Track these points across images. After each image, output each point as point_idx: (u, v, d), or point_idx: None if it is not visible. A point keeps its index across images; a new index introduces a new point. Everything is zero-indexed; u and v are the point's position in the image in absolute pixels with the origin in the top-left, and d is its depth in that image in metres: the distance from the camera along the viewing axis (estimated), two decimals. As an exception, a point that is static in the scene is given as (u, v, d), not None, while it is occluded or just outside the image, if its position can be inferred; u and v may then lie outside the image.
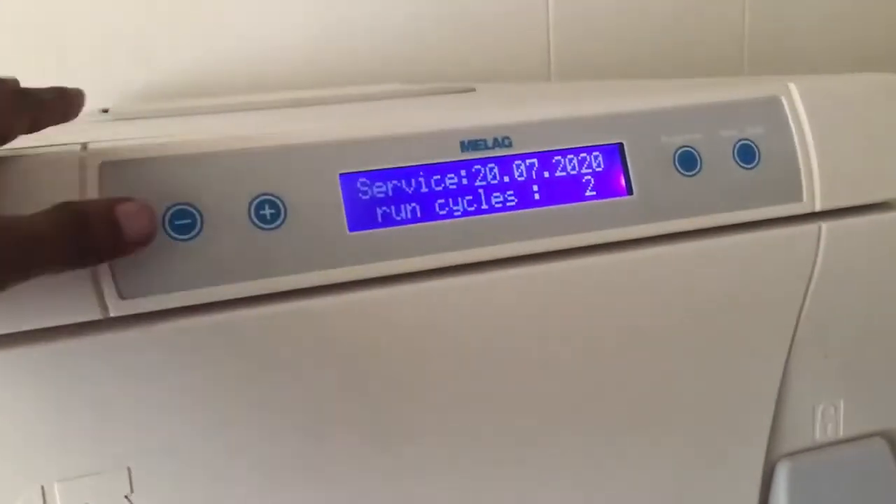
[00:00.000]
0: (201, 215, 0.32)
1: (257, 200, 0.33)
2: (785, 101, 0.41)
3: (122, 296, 0.31)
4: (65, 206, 0.29)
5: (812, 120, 0.41)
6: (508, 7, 0.84)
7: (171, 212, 0.32)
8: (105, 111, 0.57)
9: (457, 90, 0.60)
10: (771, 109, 0.41)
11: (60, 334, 0.31)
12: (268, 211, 0.33)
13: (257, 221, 0.33)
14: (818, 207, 0.41)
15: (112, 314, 0.31)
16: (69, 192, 0.31)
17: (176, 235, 0.32)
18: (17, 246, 0.27)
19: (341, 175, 0.34)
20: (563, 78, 0.88)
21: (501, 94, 0.54)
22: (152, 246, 0.31)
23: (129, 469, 0.32)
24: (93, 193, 0.31)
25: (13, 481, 0.31)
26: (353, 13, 0.79)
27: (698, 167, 0.39)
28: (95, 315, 0.31)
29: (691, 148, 0.39)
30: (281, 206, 0.33)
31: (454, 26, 0.83)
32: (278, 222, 0.33)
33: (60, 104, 0.33)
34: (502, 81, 0.83)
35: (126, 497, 0.32)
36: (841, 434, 0.43)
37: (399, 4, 0.81)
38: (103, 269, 0.31)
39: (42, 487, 0.31)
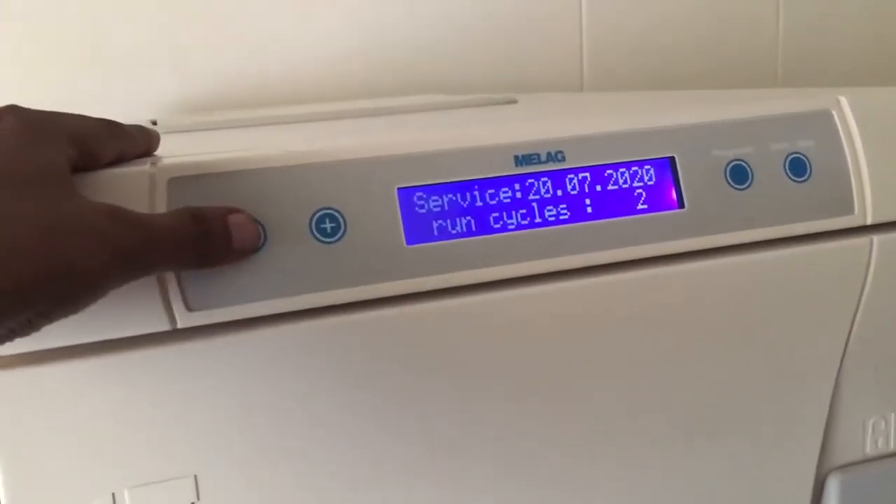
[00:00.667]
0: (265, 229, 0.33)
1: (318, 214, 0.34)
2: (836, 114, 0.41)
3: (189, 308, 0.32)
4: (187, 210, 0.30)
5: (863, 133, 0.41)
6: (541, 15, 0.85)
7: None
8: (154, 123, 0.58)
9: (499, 101, 0.60)
10: (822, 122, 0.41)
11: (130, 345, 0.31)
12: (328, 225, 0.34)
13: (318, 235, 0.34)
14: (870, 220, 0.41)
15: (180, 325, 0.32)
16: (139, 208, 0.31)
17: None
18: (147, 241, 0.28)
19: (399, 189, 0.35)
20: (595, 88, 0.88)
21: (545, 106, 0.55)
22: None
23: (195, 477, 0.32)
24: (161, 208, 0.32)
25: (85, 488, 0.32)
26: (385, 23, 0.80)
27: (749, 181, 0.39)
28: (164, 326, 0.32)
29: (742, 161, 0.39)
30: (341, 219, 0.34)
31: (487, 36, 0.83)
32: (338, 236, 0.34)
33: (144, 139, 0.35)
34: (537, 91, 0.83)
35: (192, 504, 0.33)
36: (892, 447, 0.43)
37: (429, 14, 0.82)
38: (171, 281, 0.32)
39: (113, 494, 0.32)
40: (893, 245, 0.41)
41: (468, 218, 0.36)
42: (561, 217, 0.37)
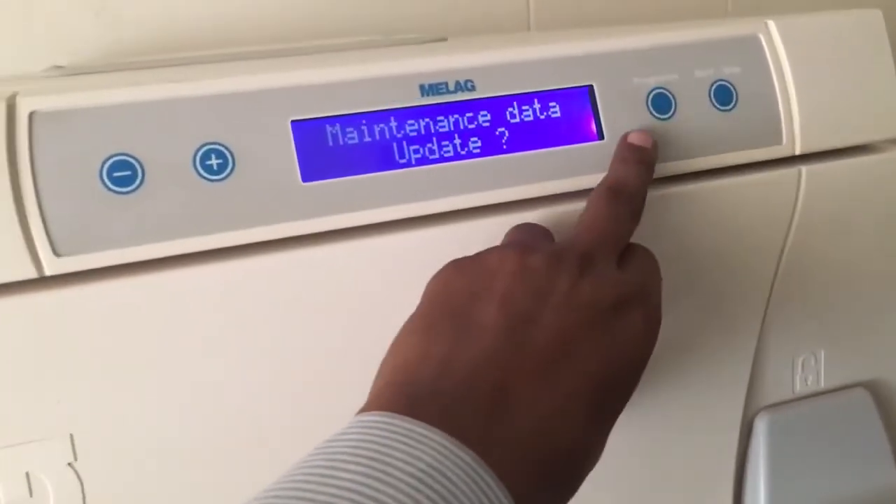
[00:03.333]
0: (142, 166, 0.30)
1: (202, 150, 0.31)
2: (763, 40, 0.39)
3: (57, 253, 0.29)
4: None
5: (792, 59, 0.39)
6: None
7: (108, 163, 0.30)
8: (60, 67, 0.54)
9: (427, 40, 0.57)
10: (749, 48, 0.39)
11: (-7, 294, 0.29)
12: (214, 161, 0.31)
13: (203, 172, 0.31)
14: (798, 151, 0.39)
15: (47, 272, 0.29)
16: (-4, 144, 0.29)
17: (115, 188, 0.30)
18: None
19: (293, 122, 0.32)
20: (543, 28, 0.85)
21: (471, 42, 0.52)
22: (88, 199, 0.29)
23: (71, 436, 0.30)
24: (22, 144, 0.29)
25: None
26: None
27: (672, 110, 0.37)
28: (29, 274, 0.29)
29: (665, 90, 0.37)
30: (228, 155, 0.31)
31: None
32: (225, 173, 0.31)
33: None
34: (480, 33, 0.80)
35: (70, 465, 0.30)
36: (822, 385, 0.42)
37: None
38: (36, 225, 0.29)
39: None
40: (823, 176, 0.39)
41: (370, 152, 0.33)
42: (472, 150, 0.35)
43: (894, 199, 0.39)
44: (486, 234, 0.35)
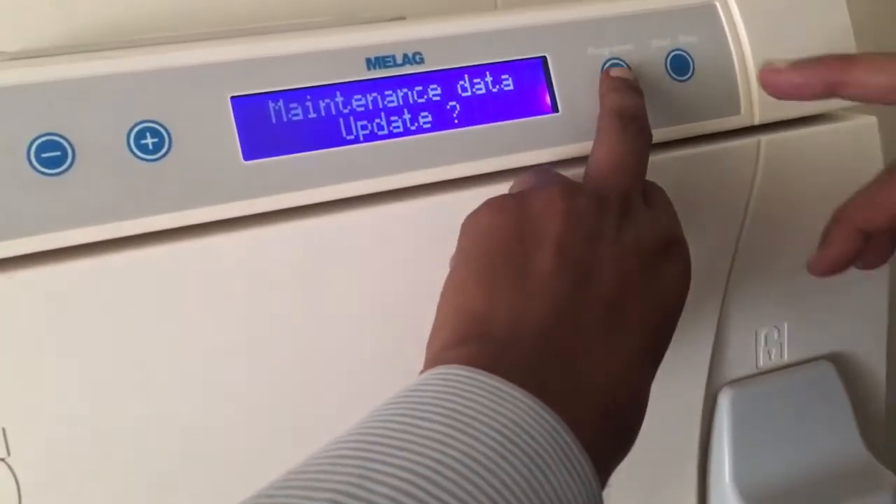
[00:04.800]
0: (72, 146, 0.29)
1: (137, 129, 0.30)
2: (720, 9, 0.39)
3: (-12, 236, 0.28)
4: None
5: (749, 28, 0.39)
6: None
7: (36, 143, 0.29)
8: (3, 52, 0.52)
9: (385, 18, 0.56)
10: (705, 17, 0.38)
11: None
12: (149, 140, 0.30)
13: (137, 152, 0.30)
14: (757, 121, 0.38)
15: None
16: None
17: (43, 170, 0.29)
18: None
19: (233, 98, 0.31)
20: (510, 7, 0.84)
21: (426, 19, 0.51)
22: (14, 182, 0.28)
23: (3, 430, 0.29)
24: (-58, 125, 0.27)
25: None
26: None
27: (628, 80, 0.36)
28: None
29: (620, 60, 0.36)
30: (164, 134, 0.30)
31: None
32: (162, 152, 0.30)
33: None
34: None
35: (3, 460, 0.29)
36: (785, 359, 0.41)
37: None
38: (-42, 209, 0.27)
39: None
40: (782, 146, 0.39)
41: (315, 129, 0.32)
42: (422, 125, 0.34)
43: (853, 168, 0.38)
44: (439, 211, 0.34)
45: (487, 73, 0.35)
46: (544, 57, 0.36)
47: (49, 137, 0.29)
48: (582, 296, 0.27)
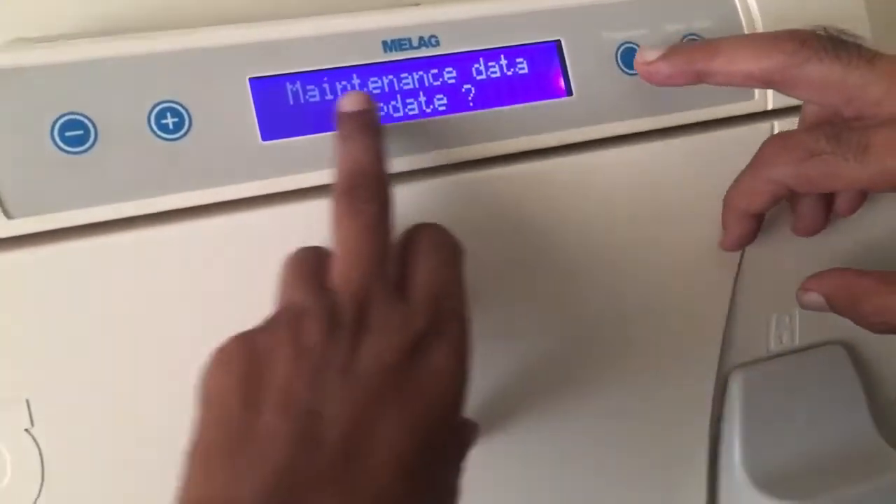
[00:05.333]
0: (95, 126, 0.29)
1: (158, 108, 0.30)
2: (735, -6, 0.39)
3: (9, 215, 0.28)
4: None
5: (763, 12, 0.39)
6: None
7: (60, 122, 0.29)
8: (24, 39, 0.53)
9: (401, 5, 0.56)
10: (720, 2, 0.38)
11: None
12: (170, 120, 0.30)
13: (158, 131, 0.30)
14: (770, 105, 0.39)
15: (0, 235, 0.28)
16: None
17: (67, 148, 0.29)
18: None
19: (251, 79, 0.32)
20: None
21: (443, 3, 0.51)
22: (39, 160, 0.28)
23: (27, 401, 0.29)
24: (-31, 104, 0.28)
25: None
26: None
27: (642, 64, 0.36)
28: (-19, 236, 0.28)
29: (634, 44, 0.37)
30: (185, 113, 0.31)
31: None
32: (182, 132, 0.31)
33: None
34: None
35: (27, 430, 0.29)
36: (796, 343, 0.41)
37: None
38: (-14, 187, 0.28)
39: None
40: (795, 131, 0.39)
41: (331, 110, 0.33)
42: (437, 108, 0.34)
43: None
44: (454, 193, 0.34)
45: (502, 56, 0.35)
46: (559, 41, 0.36)
47: (72, 117, 0.29)
48: (308, 452, 0.24)
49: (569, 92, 0.36)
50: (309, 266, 0.28)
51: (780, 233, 0.39)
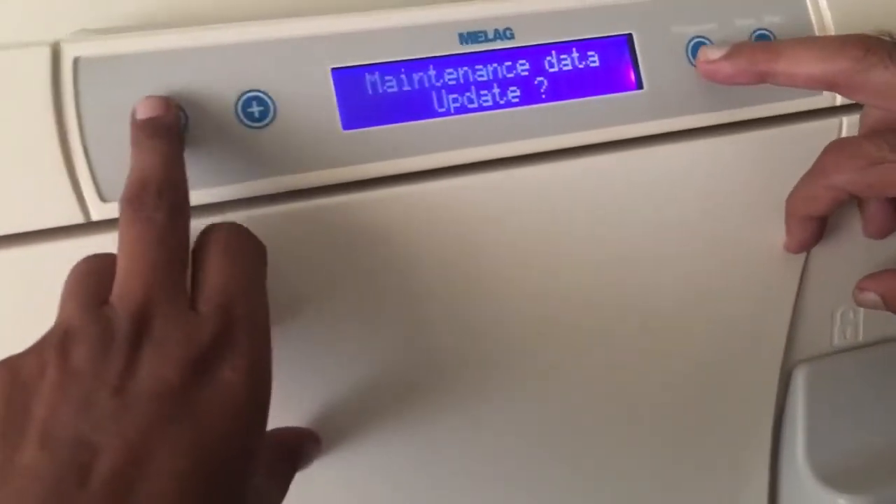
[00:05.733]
0: (184, 113, 0.30)
1: (245, 97, 0.31)
2: (804, -11, 0.39)
3: (103, 198, 0.29)
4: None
5: (833, 8, 0.39)
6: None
7: (151, 109, 0.30)
8: (88, 31, 0.54)
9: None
10: (790, -2, 0.39)
11: (40, 238, 0.29)
12: (256, 108, 0.31)
13: (245, 119, 0.31)
14: (839, 101, 0.39)
15: (93, 218, 0.29)
16: (40, 93, 0.29)
17: (159, 135, 0.30)
18: None
19: (333, 70, 0.32)
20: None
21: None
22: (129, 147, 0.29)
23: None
24: (67, 90, 0.29)
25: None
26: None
27: (712, 59, 0.37)
28: (77, 219, 0.29)
29: (705, 38, 0.37)
30: (270, 102, 0.31)
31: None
32: (267, 120, 0.31)
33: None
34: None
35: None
36: (860, 339, 0.41)
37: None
38: (83, 171, 0.29)
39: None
40: (864, 126, 0.39)
41: (410, 101, 0.33)
42: (510, 100, 0.35)
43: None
44: (523, 182, 0.35)
45: (574, 49, 0.36)
46: (630, 34, 0.36)
47: (160, 100, 0.30)
48: (73, 485, 0.22)
49: (639, 85, 0.36)
50: (91, 280, 0.26)
51: (847, 229, 0.39)
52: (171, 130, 0.28)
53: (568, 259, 0.36)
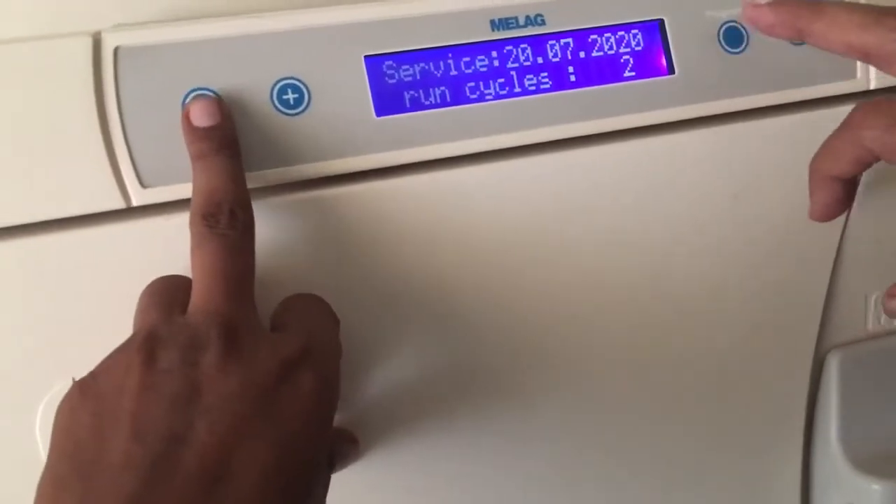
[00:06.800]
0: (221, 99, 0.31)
1: (280, 84, 0.32)
2: (837, -28, 0.38)
3: (143, 184, 0.30)
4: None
5: (869, -8, 0.38)
6: None
7: (189, 97, 0.31)
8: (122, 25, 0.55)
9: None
10: (823, -19, 0.38)
11: (81, 223, 0.30)
12: (291, 95, 0.32)
13: (280, 106, 0.32)
14: (873, 85, 0.38)
15: (134, 203, 0.30)
16: (81, 82, 0.29)
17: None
18: None
19: (366, 58, 0.33)
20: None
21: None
22: (171, 132, 0.30)
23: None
24: (108, 79, 0.30)
25: (40, 376, 0.30)
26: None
27: (745, 44, 0.37)
28: (118, 204, 0.30)
29: (737, 23, 0.37)
30: (304, 90, 0.32)
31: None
32: (302, 107, 0.32)
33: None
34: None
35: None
36: (895, 324, 0.41)
37: None
38: (124, 158, 0.30)
39: (73, 379, 0.31)
40: (899, 110, 0.38)
41: (442, 88, 0.34)
42: (542, 86, 0.35)
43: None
44: (555, 168, 0.35)
45: (606, 34, 0.36)
46: (661, 20, 0.36)
47: (201, 91, 0.31)
48: (163, 478, 0.23)
49: (671, 70, 0.36)
50: (167, 294, 0.28)
51: (881, 212, 0.39)
52: (235, 143, 0.30)
53: (601, 245, 0.36)
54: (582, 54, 0.35)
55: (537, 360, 0.37)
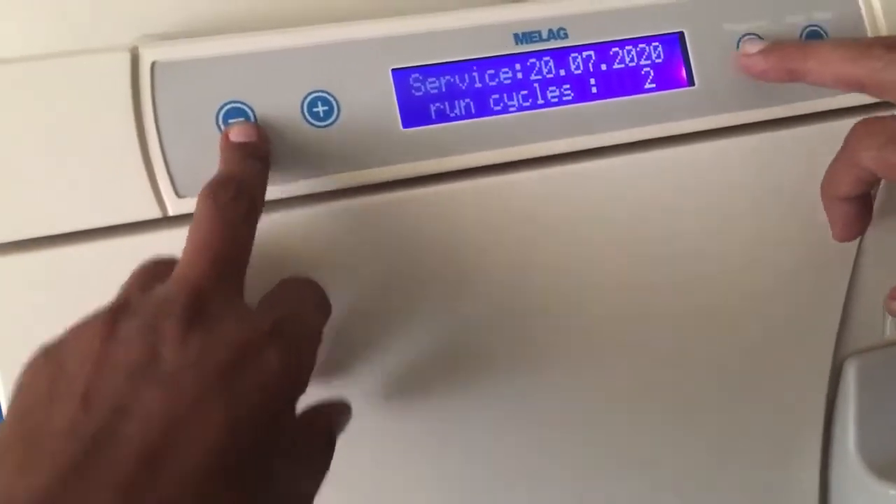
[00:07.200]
0: (254, 113, 0.32)
1: (310, 97, 0.33)
2: (856, -16, 0.39)
3: (179, 194, 0.31)
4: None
5: (884, 4, 0.39)
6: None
7: (223, 110, 0.32)
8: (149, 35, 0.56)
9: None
10: (841, -7, 0.39)
11: (118, 233, 0.31)
12: (321, 108, 0.33)
13: (311, 118, 0.32)
14: (892, 96, 0.39)
15: (170, 213, 0.31)
16: (120, 95, 0.30)
17: (230, 133, 0.31)
18: None
19: (393, 71, 0.34)
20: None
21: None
22: (205, 144, 0.31)
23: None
24: (146, 92, 0.31)
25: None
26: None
27: (764, 56, 0.37)
28: (154, 214, 0.31)
29: (756, 35, 0.37)
30: (334, 102, 0.33)
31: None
32: (332, 119, 0.33)
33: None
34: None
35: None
36: (914, 331, 0.42)
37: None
38: (160, 168, 0.31)
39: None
40: (916, 120, 0.39)
41: (466, 100, 0.34)
42: (564, 98, 0.36)
43: None
44: (577, 179, 0.36)
45: (627, 47, 0.36)
46: (681, 32, 0.37)
47: (235, 104, 0.32)
48: (101, 450, 0.22)
49: (691, 82, 0.37)
50: (154, 267, 0.28)
51: (898, 221, 0.40)
52: (266, 158, 0.31)
53: (622, 255, 0.37)
54: (603, 67, 0.36)
55: (559, 370, 0.38)
